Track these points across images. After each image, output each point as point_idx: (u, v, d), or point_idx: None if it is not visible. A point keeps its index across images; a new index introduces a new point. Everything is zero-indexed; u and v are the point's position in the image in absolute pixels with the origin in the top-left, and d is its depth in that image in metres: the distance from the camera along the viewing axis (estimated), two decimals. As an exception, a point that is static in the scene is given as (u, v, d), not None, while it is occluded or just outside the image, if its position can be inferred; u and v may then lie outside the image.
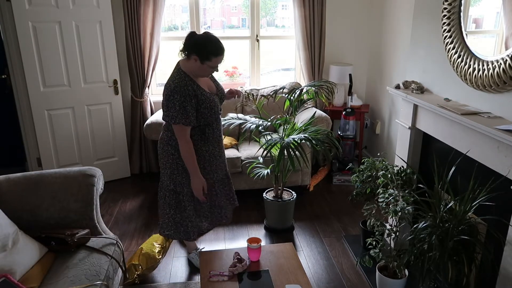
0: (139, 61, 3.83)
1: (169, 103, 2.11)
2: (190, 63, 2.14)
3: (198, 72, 2.17)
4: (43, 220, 2.06)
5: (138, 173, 4.14)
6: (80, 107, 3.69)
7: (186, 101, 2.11)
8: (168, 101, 2.11)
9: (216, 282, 1.93)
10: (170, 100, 2.10)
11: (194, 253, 2.67)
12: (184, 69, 2.17)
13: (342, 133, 3.98)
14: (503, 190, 1.84)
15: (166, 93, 2.13)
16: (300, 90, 2.91)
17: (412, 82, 2.59)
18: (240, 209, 3.39)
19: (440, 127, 2.26)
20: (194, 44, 2.12)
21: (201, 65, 2.13)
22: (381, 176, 2.42)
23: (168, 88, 2.11)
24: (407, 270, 2.30)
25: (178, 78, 2.12)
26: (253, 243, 2.06)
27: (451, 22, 2.19)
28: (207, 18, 4.72)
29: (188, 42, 2.13)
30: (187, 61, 2.16)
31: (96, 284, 1.76)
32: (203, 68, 2.15)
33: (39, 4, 3.32)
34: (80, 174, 2.16)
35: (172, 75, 2.16)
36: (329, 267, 2.67)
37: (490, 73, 1.88)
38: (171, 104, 2.10)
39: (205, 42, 2.11)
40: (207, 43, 2.11)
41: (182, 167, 2.31)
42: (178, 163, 2.31)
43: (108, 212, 3.38)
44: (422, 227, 1.95)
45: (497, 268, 1.87)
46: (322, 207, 3.48)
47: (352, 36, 4.30)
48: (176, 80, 2.12)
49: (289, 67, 4.60)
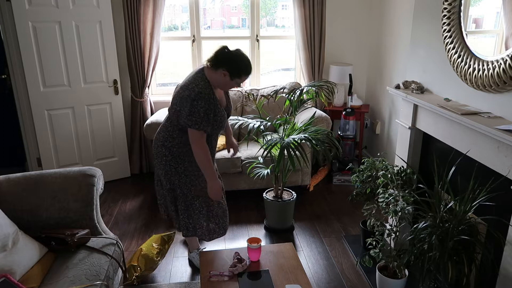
0: (139, 61, 3.83)
1: (193, 108, 2.10)
2: (217, 75, 2.16)
3: (223, 85, 2.21)
4: (43, 220, 2.06)
5: (138, 173, 4.15)
6: (80, 107, 3.69)
7: (210, 109, 2.15)
8: (192, 106, 2.10)
9: (216, 282, 1.93)
10: (194, 105, 2.10)
11: (195, 252, 2.67)
12: (208, 78, 2.18)
13: (342, 133, 3.98)
14: (503, 190, 1.84)
15: (188, 96, 2.10)
16: (301, 90, 2.91)
17: (412, 82, 2.59)
18: (240, 209, 3.39)
19: (440, 127, 2.26)
20: (227, 60, 2.13)
21: (229, 81, 2.16)
22: (381, 176, 2.42)
23: (192, 92, 2.09)
24: (407, 270, 2.30)
25: (203, 85, 2.13)
26: (253, 243, 2.06)
27: (451, 22, 2.19)
28: (207, 18, 4.72)
29: (221, 56, 2.14)
30: (214, 72, 2.16)
31: (96, 284, 1.76)
32: (230, 83, 2.18)
33: (39, 4, 3.32)
34: (80, 174, 2.16)
35: (195, 80, 2.15)
36: (329, 267, 2.67)
37: (490, 73, 1.88)
38: (195, 109, 2.10)
39: (238, 60, 2.15)
40: (240, 61, 2.15)
41: (175, 169, 2.31)
42: (171, 165, 2.31)
43: (108, 212, 3.38)
44: (422, 227, 1.96)
45: (497, 268, 1.87)
46: (322, 207, 3.48)
47: (352, 36, 4.30)
48: (201, 86, 2.12)
49: (289, 67, 4.60)
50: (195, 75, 2.18)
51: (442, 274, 1.90)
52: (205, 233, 2.46)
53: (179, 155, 2.31)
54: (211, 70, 2.17)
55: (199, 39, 4.14)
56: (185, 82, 2.18)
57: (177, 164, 2.32)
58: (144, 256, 2.46)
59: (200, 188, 2.37)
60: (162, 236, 2.63)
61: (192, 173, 2.35)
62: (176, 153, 2.30)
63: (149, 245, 2.55)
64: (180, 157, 2.31)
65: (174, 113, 2.23)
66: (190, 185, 2.36)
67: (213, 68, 2.15)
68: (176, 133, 2.28)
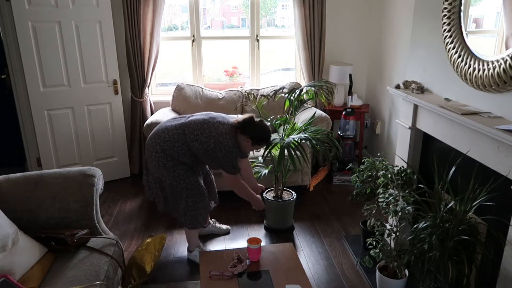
0: (139, 61, 3.83)
1: (231, 155, 2.43)
2: (241, 139, 2.47)
3: (243, 147, 2.51)
4: (43, 220, 2.05)
5: (137, 173, 4.14)
6: (80, 107, 3.69)
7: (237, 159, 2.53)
8: (227, 152, 2.41)
9: (216, 282, 1.93)
10: (230, 154, 2.42)
11: (196, 250, 2.68)
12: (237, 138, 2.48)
13: (342, 133, 3.98)
14: (503, 190, 1.83)
15: (222, 144, 2.39)
16: (300, 90, 2.91)
17: (412, 82, 2.58)
18: (240, 209, 3.39)
19: (440, 127, 2.26)
20: (252, 130, 2.44)
21: (250, 146, 2.48)
22: (381, 176, 2.42)
23: (223, 142, 2.39)
24: (407, 270, 2.30)
25: (234, 142, 2.43)
26: (253, 243, 2.06)
27: (451, 22, 2.19)
28: (207, 18, 4.72)
29: (248, 125, 2.45)
30: (239, 135, 2.46)
31: (96, 284, 1.76)
32: (250, 148, 2.51)
33: (39, 4, 3.32)
34: (80, 174, 2.16)
35: (229, 133, 2.41)
36: (329, 267, 2.67)
37: (490, 73, 1.88)
38: (234, 156, 2.45)
39: (261, 131, 2.49)
40: (263, 133, 2.49)
41: (163, 165, 2.44)
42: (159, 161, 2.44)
43: (108, 212, 3.38)
44: (422, 227, 1.95)
45: (497, 268, 1.87)
46: (322, 207, 3.48)
47: (352, 36, 4.29)
48: (233, 141, 2.43)
49: (289, 67, 4.59)
50: (228, 129, 2.42)
51: (442, 274, 1.89)
52: (188, 221, 2.56)
53: (171, 154, 2.43)
54: (240, 133, 2.46)
55: (199, 39, 4.14)
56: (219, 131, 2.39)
57: (166, 161, 2.44)
58: (137, 266, 2.37)
59: (189, 181, 2.48)
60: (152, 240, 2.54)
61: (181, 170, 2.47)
62: (168, 153, 2.43)
63: (141, 253, 2.45)
64: (171, 156, 2.43)
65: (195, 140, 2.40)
66: (179, 179, 2.47)
67: (238, 131, 2.45)
68: (182, 147, 2.42)
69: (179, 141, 2.41)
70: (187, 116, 2.54)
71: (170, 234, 3.04)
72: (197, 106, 3.86)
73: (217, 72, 4.48)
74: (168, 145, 2.41)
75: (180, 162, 2.45)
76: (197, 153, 2.44)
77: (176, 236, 3.00)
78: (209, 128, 2.40)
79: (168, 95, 4.13)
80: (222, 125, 2.43)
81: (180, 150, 2.41)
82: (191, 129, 2.41)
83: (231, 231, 3.08)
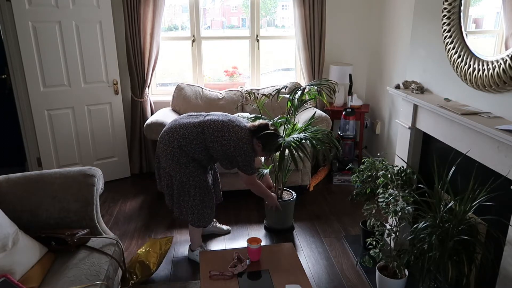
0: (139, 61, 3.83)
1: (250, 159, 2.52)
2: (254, 142, 2.54)
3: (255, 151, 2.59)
4: (43, 220, 2.05)
5: (138, 173, 4.14)
6: (80, 107, 3.69)
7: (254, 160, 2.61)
8: (246, 156, 2.49)
9: (216, 282, 1.93)
10: (249, 158, 2.51)
11: (198, 249, 2.69)
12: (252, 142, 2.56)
13: (342, 133, 3.98)
14: (503, 190, 1.84)
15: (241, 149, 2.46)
16: (303, 89, 2.91)
17: (412, 82, 2.59)
18: (240, 209, 3.39)
19: (440, 127, 2.26)
20: (265, 137, 2.52)
21: (261, 151, 2.56)
22: (381, 176, 2.42)
23: (242, 146, 2.47)
24: (407, 270, 2.30)
25: (251, 146, 2.51)
26: (253, 243, 2.06)
27: (451, 22, 2.19)
28: (207, 18, 4.72)
29: (263, 130, 2.53)
30: (253, 139, 2.53)
31: (96, 284, 1.76)
32: (260, 153, 2.59)
33: (39, 4, 3.32)
34: (80, 174, 2.16)
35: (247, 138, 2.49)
36: (329, 267, 2.67)
37: (490, 73, 1.88)
38: (252, 159, 2.54)
39: (273, 139, 2.56)
40: (274, 141, 2.57)
41: (177, 160, 2.46)
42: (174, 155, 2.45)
43: (108, 212, 3.38)
44: (422, 227, 1.95)
45: (497, 268, 1.87)
46: (322, 207, 3.48)
47: (352, 36, 4.30)
48: (251, 145, 2.51)
49: (289, 67, 4.59)
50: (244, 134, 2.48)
51: (442, 274, 1.90)
52: (195, 220, 2.57)
53: (187, 151, 2.44)
54: (255, 138, 2.53)
55: (199, 39, 4.14)
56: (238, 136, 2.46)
57: (181, 156, 2.44)
58: (141, 264, 2.42)
59: (198, 179, 2.49)
60: (159, 241, 2.58)
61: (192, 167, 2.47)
62: (184, 149, 2.44)
63: (146, 251, 2.50)
64: (186, 153, 2.44)
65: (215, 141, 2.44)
66: (189, 176, 2.47)
67: (252, 135, 2.52)
68: (199, 145, 2.44)
69: (198, 139, 2.44)
70: (204, 115, 2.57)
71: (170, 234, 3.04)
72: (197, 106, 3.86)
73: (217, 72, 4.48)
74: (186, 141, 2.43)
75: (194, 159, 2.47)
76: (214, 153, 2.48)
77: (176, 236, 3.01)
78: (229, 132, 2.44)
79: (168, 95, 4.13)
80: (241, 129, 2.49)
81: (197, 148, 2.44)
82: (211, 129, 2.44)
83: (231, 231, 3.08)
